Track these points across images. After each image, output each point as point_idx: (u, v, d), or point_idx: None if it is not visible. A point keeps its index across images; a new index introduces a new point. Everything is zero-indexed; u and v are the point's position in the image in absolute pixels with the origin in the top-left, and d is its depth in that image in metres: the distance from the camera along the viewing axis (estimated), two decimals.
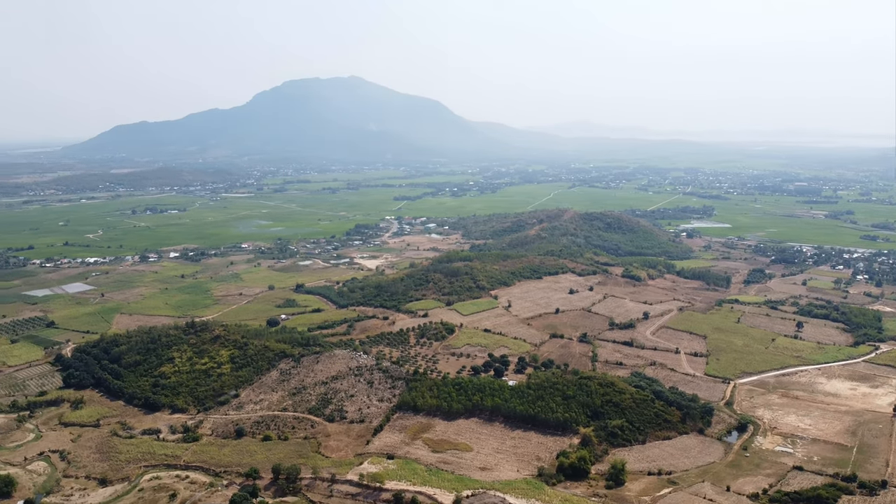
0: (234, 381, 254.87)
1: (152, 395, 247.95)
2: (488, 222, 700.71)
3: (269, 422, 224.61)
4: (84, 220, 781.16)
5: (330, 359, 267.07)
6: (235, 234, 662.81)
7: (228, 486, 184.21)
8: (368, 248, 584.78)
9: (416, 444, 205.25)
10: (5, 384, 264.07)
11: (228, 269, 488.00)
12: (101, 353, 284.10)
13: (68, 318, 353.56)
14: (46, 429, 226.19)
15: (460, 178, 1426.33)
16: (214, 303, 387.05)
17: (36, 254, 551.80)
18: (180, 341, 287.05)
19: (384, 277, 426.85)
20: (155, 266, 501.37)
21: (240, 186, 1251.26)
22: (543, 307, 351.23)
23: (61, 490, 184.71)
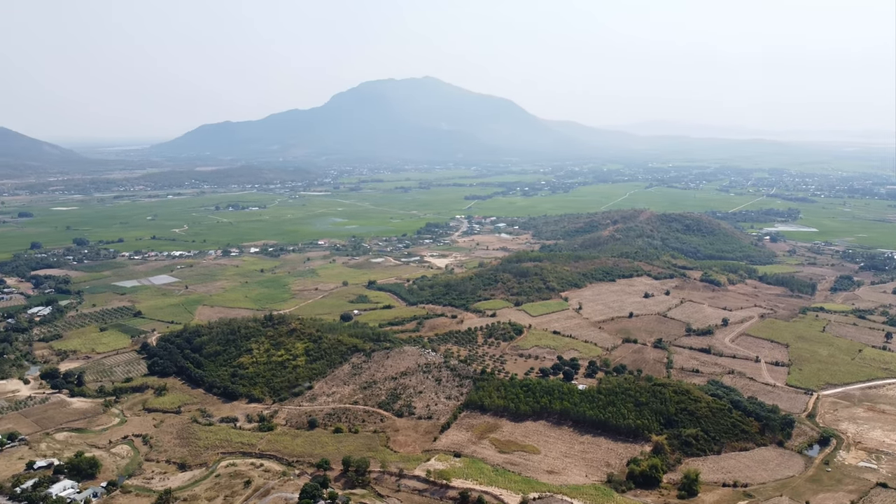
0: (309, 374, 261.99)
1: (231, 384, 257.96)
2: (560, 222, 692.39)
3: (340, 414, 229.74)
4: (170, 215, 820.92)
5: (399, 355, 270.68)
6: (312, 231, 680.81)
7: (300, 476, 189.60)
8: (438, 246, 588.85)
9: (482, 443, 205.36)
10: (94, 370, 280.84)
11: (305, 264, 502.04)
12: (184, 343, 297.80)
13: (154, 309, 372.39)
14: (131, 414, 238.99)
15: (532, 178, 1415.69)
16: (291, 297, 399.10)
17: (125, 246, 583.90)
18: (258, 333, 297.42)
19: (453, 276, 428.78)
20: (236, 260, 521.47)
21: (317, 185, 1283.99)
22: (616, 311, 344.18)
23: (143, 473, 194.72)
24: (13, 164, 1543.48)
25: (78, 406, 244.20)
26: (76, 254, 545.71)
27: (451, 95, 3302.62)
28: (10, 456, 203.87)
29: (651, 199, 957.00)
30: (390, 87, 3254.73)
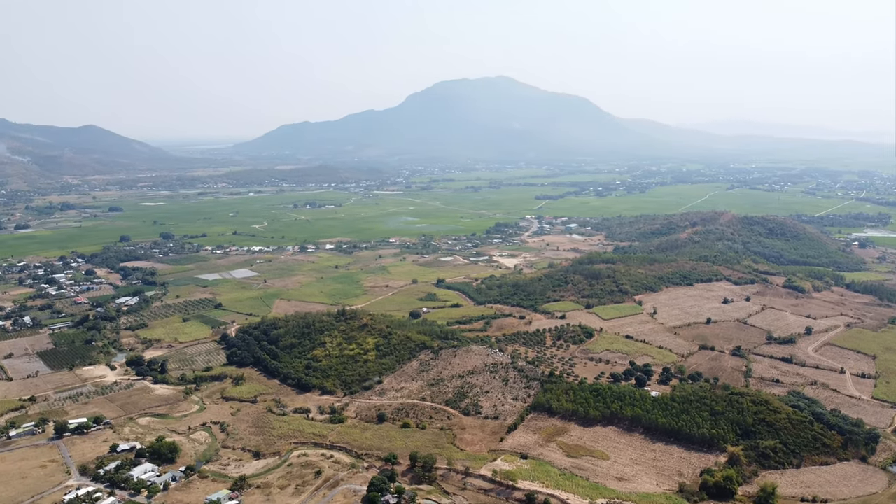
0: (378, 368, 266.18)
1: (304, 376, 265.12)
2: (634, 223, 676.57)
3: (408, 409, 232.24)
4: (251, 212, 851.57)
5: (467, 353, 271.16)
6: (384, 230, 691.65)
7: (368, 469, 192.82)
8: (507, 246, 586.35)
9: (550, 446, 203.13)
10: (176, 359, 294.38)
11: (377, 261, 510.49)
12: (262, 335, 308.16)
13: (234, 301, 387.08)
14: (209, 402, 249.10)
15: (606, 177, 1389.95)
16: (363, 293, 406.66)
17: (208, 241, 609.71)
18: (331, 327, 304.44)
19: (522, 276, 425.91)
20: (312, 256, 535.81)
21: (390, 184, 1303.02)
22: (693, 316, 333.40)
23: (219, 459, 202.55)
24: (105, 160, 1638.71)
25: (160, 393, 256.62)
26: (162, 247, 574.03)
27: (525, 94, 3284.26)
28: (96, 438, 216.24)
29: (732, 200, 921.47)
30: (464, 87, 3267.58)
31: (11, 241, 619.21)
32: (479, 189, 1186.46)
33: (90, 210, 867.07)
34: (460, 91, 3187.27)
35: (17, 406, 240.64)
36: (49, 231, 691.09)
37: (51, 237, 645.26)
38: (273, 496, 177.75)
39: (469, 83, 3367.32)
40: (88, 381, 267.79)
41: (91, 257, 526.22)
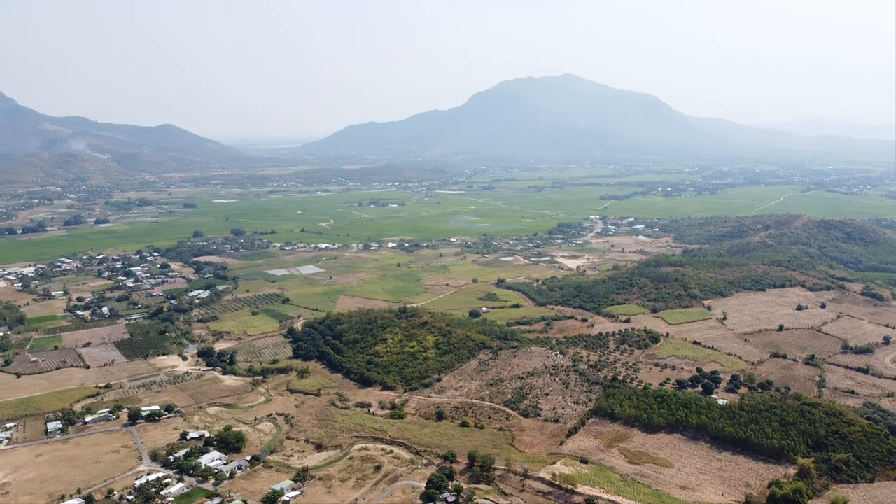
0: (438, 366, 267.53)
1: (366, 371, 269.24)
2: (704, 225, 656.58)
3: (466, 408, 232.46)
4: (318, 210, 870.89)
5: (527, 355, 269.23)
6: (445, 229, 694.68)
7: (427, 466, 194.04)
8: (570, 247, 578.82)
9: (611, 451, 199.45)
10: (245, 351, 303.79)
11: (437, 260, 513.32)
12: (326, 330, 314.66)
13: (300, 297, 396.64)
14: (275, 393, 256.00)
15: (675, 178, 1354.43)
16: (424, 291, 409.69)
17: (277, 238, 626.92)
18: (393, 324, 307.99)
19: (585, 278, 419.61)
20: (375, 254, 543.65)
21: (452, 183, 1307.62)
22: (765, 322, 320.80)
23: (283, 450, 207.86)
24: (180, 158, 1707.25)
25: (229, 383, 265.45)
26: (233, 243, 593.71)
27: (591, 93, 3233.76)
28: (167, 426, 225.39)
29: (808, 203, 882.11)
30: (529, 86, 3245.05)
31: (92, 235, 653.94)
32: (542, 189, 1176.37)
33: (166, 206, 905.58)
34: (525, 90, 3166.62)
35: (94, 393, 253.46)
36: (127, 226, 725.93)
37: (128, 231, 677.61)
38: (334, 488, 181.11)
39: (534, 82, 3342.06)
40: (161, 371, 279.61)
41: (166, 251, 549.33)
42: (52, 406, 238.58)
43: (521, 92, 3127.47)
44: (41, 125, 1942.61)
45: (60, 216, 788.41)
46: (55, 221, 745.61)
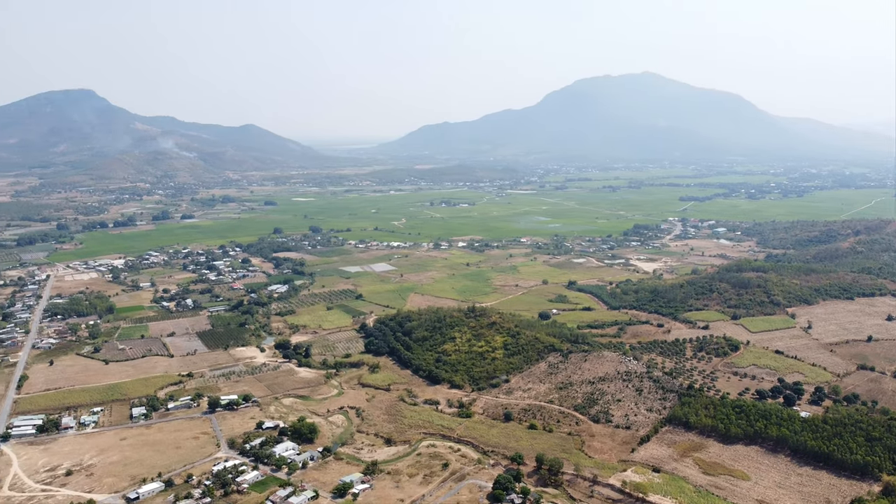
0: (506, 367, 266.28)
1: (435, 369, 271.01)
2: (790, 230, 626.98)
3: (535, 411, 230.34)
4: (391, 209, 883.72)
5: (598, 359, 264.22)
6: (516, 229, 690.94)
7: (494, 466, 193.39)
8: (646, 249, 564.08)
9: (685, 461, 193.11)
10: (319, 344, 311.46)
11: (507, 261, 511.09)
12: (396, 326, 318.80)
13: (373, 293, 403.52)
14: (347, 387, 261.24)
15: (759, 179, 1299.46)
16: (493, 291, 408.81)
17: (352, 235, 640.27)
18: (461, 323, 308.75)
19: (661, 282, 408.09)
20: (445, 253, 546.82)
21: (524, 183, 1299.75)
22: (852, 333, 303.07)
23: (354, 443, 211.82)
24: (262, 158, 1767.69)
25: (303, 376, 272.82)
26: (311, 240, 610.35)
27: (671, 91, 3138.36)
28: (244, 415, 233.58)
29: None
30: (605, 85, 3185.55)
31: (178, 230, 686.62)
32: (618, 189, 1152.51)
33: (248, 203, 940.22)
34: (601, 89, 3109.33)
35: (177, 381, 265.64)
36: (211, 222, 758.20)
37: (212, 227, 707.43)
38: (402, 483, 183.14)
39: (611, 80, 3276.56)
40: (240, 361, 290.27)
41: (247, 247, 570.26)
42: (137, 392, 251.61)
43: (598, 90, 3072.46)
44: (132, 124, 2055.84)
45: (149, 211, 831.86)
46: (144, 216, 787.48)
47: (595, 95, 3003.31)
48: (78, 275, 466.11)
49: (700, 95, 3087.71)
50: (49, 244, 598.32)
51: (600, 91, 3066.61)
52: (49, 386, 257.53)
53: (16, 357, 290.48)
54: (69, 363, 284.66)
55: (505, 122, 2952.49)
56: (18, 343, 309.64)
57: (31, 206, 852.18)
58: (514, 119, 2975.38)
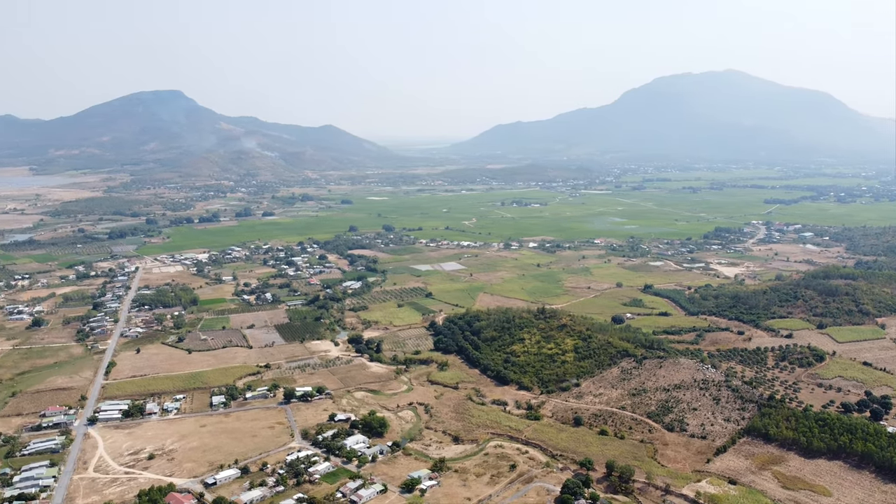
0: (576, 371, 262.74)
1: (503, 369, 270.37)
2: (882, 235, 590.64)
3: (606, 417, 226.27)
4: (462, 208, 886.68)
5: (674, 366, 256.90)
6: (589, 230, 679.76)
7: (563, 471, 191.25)
8: (727, 253, 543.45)
9: (763, 474, 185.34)
10: (390, 340, 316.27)
11: (580, 262, 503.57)
12: (465, 325, 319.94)
13: (442, 292, 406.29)
14: (416, 383, 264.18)
15: (849, 182, 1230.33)
16: (564, 293, 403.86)
17: (423, 234, 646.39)
18: (531, 325, 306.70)
19: (743, 287, 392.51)
20: (515, 253, 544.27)
21: (599, 183, 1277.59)
22: None
23: (422, 439, 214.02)
24: (339, 158, 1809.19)
25: (375, 370, 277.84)
26: (384, 238, 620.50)
27: (756, 89, 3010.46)
28: (317, 406, 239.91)
29: None
30: (686, 83, 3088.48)
31: (259, 227, 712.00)
32: (699, 190, 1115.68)
33: (325, 202, 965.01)
34: (682, 86, 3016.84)
35: (255, 371, 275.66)
36: (290, 219, 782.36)
37: (292, 224, 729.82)
38: (469, 482, 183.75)
39: (692, 78, 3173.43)
40: (315, 354, 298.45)
41: (324, 244, 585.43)
42: (217, 381, 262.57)
43: (678, 88, 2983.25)
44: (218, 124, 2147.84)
45: (232, 208, 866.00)
46: (227, 213, 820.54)
47: (675, 93, 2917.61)
48: (165, 267, 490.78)
49: (787, 94, 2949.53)
50: (138, 238, 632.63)
51: (681, 89, 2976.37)
52: (135, 373, 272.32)
53: (105, 344, 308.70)
54: (154, 351, 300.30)
55: (580, 120, 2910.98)
56: (108, 331, 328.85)
57: (122, 202, 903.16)
58: (590, 118, 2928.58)
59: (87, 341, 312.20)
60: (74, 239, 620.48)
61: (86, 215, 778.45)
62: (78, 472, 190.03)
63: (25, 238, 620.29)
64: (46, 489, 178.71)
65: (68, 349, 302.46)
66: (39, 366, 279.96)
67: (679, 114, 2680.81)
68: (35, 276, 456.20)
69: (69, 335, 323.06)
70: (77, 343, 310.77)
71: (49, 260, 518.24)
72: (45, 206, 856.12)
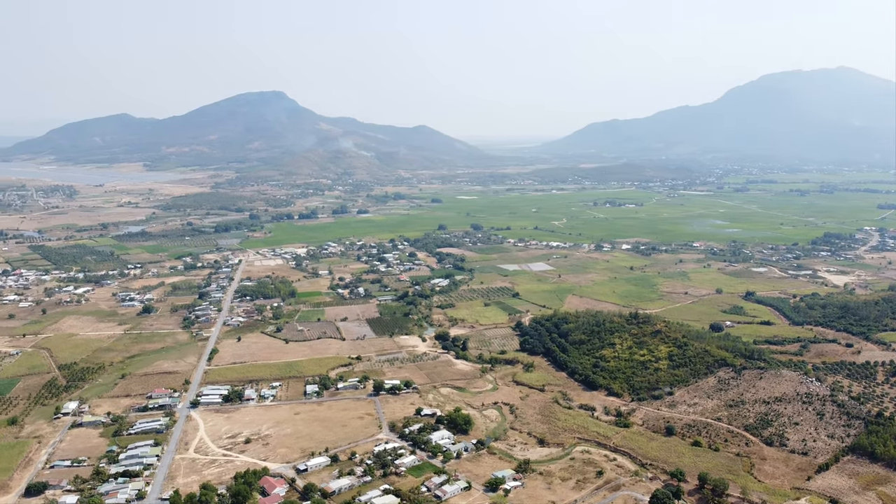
0: (670, 379, 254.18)
1: (592, 374, 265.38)
2: None
3: (700, 427, 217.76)
4: (552, 208, 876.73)
5: (775, 378, 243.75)
6: (688, 232, 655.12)
7: (652, 480, 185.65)
8: (837, 261, 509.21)
9: (867, 495, 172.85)
10: (476, 339, 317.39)
11: (676, 266, 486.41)
12: (552, 327, 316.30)
13: (529, 292, 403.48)
14: (501, 383, 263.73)
15: None
16: (658, 298, 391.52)
17: (511, 234, 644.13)
18: (622, 329, 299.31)
19: (853, 297, 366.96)
20: (607, 255, 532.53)
21: (699, 184, 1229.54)
22: None
23: (507, 439, 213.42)
24: (431, 157, 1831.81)
25: (460, 368, 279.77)
26: (472, 237, 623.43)
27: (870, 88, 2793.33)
28: (405, 400, 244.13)
29: None
30: (796, 80, 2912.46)
31: (354, 224, 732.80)
32: (807, 193, 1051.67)
33: (416, 200, 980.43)
34: (791, 84, 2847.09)
35: (346, 363, 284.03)
36: (383, 217, 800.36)
37: (384, 222, 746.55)
38: (554, 486, 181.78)
39: (802, 76, 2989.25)
40: (403, 349, 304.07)
41: (414, 241, 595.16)
42: (311, 371, 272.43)
43: (786, 86, 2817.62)
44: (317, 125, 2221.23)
45: (329, 205, 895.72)
46: (325, 210, 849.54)
47: (783, 91, 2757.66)
48: (266, 261, 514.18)
49: None
50: (242, 232, 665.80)
51: (789, 87, 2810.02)
52: (235, 360, 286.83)
53: (208, 332, 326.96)
54: (254, 340, 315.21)
55: (680, 118, 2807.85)
56: (211, 320, 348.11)
57: (227, 198, 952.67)
58: (691, 116, 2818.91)
59: (192, 328, 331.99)
60: (183, 232, 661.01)
61: (194, 210, 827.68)
62: (179, 453, 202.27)
63: (138, 230, 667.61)
64: (149, 467, 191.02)
65: (175, 335, 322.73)
66: (148, 350, 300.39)
67: (787, 113, 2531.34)
68: (146, 265, 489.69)
69: (176, 322, 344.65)
70: (183, 330, 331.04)
71: (159, 251, 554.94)
72: (157, 201, 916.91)
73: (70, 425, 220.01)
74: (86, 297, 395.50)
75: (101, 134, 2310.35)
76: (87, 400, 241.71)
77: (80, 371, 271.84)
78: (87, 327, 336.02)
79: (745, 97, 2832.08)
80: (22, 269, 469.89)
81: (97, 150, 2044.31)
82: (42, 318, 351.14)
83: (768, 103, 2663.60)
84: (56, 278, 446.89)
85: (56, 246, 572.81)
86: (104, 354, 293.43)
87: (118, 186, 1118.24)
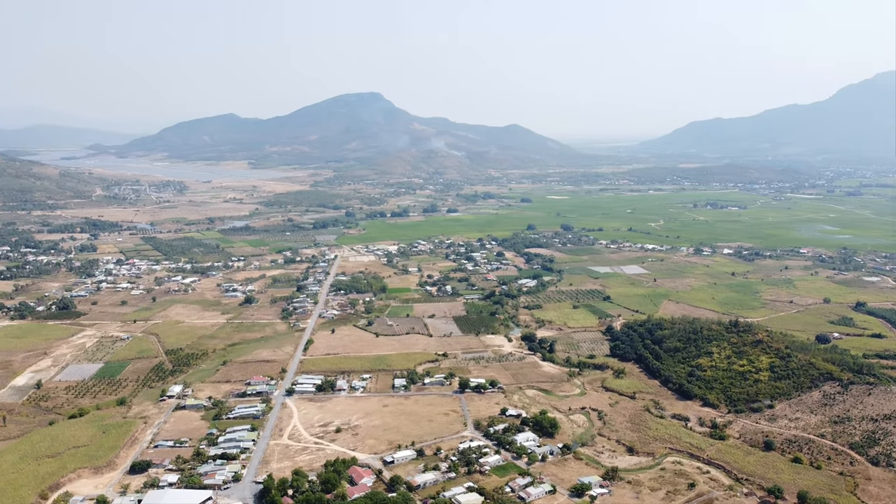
0: (770, 391, 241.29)
1: (686, 383, 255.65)
2: None
3: (801, 443, 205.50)
4: (648, 209, 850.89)
5: (885, 394, 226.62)
6: (795, 238, 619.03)
7: (748, 496, 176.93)
8: None
9: None
10: (563, 341, 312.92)
11: (781, 273, 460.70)
12: (646, 333, 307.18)
13: (621, 296, 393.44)
14: (590, 388, 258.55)
15: None
16: (761, 306, 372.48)
17: (603, 235, 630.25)
18: (720, 338, 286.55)
19: None
20: (707, 260, 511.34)
21: (808, 187, 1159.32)
22: None
23: (594, 445, 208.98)
24: (521, 156, 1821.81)
25: (547, 370, 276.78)
26: (561, 237, 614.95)
27: None
28: (490, 399, 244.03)
29: None
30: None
31: (443, 222, 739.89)
32: None
33: (505, 200, 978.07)
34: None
35: (433, 359, 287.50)
36: (472, 216, 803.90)
37: (473, 221, 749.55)
38: (643, 496, 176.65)
39: None
40: (489, 348, 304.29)
41: (502, 241, 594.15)
42: (399, 365, 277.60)
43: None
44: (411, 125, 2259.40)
45: (420, 204, 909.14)
46: (416, 208, 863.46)
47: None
48: (359, 257, 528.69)
49: None
50: (338, 228, 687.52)
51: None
52: (329, 351, 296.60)
53: (305, 323, 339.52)
54: (347, 333, 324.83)
55: (788, 117, 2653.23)
56: (308, 312, 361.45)
57: (325, 195, 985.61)
58: (800, 115, 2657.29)
59: (290, 320, 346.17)
60: (283, 227, 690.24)
61: (294, 206, 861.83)
62: (274, 438, 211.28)
63: (242, 225, 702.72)
64: (246, 451, 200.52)
65: (273, 325, 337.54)
66: (248, 339, 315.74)
67: None
68: (249, 258, 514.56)
69: (275, 313, 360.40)
70: (281, 321, 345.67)
71: (261, 245, 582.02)
72: (260, 197, 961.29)
73: (174, 407, 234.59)
74: (192, 287, 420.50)
75: (210, 133, 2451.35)
76: (191, 384, 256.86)
77: (185, 356, 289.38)
78: (192, 315, 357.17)
79: (860, 96, 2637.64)
80: (135, 259, 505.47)
81: (206, 148, 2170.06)
82: (152, 306, 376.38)
83: (885, 102, 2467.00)
84: (166, 268, 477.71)
85: (166, 238, 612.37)
86: (208, 341, 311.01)
87: (224, 183, 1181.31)
